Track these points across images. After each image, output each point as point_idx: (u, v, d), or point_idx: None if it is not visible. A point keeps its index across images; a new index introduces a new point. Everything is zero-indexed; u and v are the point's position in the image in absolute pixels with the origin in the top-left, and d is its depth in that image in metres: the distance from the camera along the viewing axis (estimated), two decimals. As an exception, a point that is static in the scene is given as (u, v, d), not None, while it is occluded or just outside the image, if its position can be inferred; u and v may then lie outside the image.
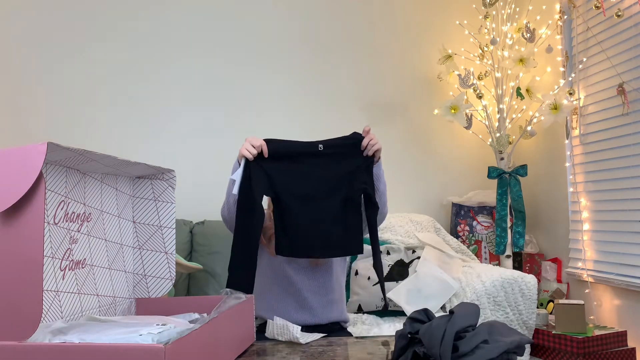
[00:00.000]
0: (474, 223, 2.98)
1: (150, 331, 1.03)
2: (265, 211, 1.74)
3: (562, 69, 2.79)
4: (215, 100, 2.99)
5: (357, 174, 1.68)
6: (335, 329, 1.93)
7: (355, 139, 1.72)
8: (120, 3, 2.93)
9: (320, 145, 1.69)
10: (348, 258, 2.57)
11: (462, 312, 1.10)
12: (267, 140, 1.71)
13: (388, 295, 2.30)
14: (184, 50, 2.97)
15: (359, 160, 1.70)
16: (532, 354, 2.39)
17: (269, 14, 3.07)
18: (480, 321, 1.32)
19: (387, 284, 2.34)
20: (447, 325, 1.05)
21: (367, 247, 2.55)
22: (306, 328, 1.87)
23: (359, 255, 2.52)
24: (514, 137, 2.91)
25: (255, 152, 1.69)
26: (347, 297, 2.42)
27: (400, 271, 2.41)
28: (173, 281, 1.53)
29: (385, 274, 2.40)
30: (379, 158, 1.78)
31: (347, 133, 3.10)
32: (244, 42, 3.04)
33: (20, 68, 2.82)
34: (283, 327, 1.55)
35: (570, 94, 2.64)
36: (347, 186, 1.67)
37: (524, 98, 2.82)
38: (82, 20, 2.89)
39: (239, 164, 1.72)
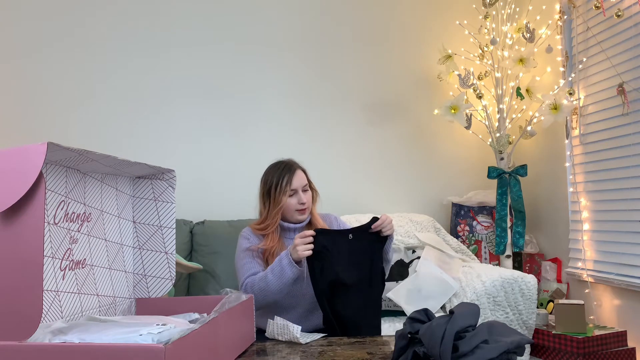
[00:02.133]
0: (474, 223, 2.98)
1: (150, 331, 1.03)
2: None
3: (562, 69, 2.78)
4: (216, 99, 2.98)
5: (375, 257, 1.80)
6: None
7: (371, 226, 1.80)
8: (121, 3, 2.92)
9: (350, 235, 1.79)
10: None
11: (462, 312, 1.10)
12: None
13: (388, 295, 2.30)
14: (185, 49, 2.97)
15: (378, 244, 1.81)
16: (532, 354, 2.39)
17: (269, 15, 3.07)
18: (480, 321, 1.32)
19: (387, 284, 2.33)
20: (447, 325, 1.05)
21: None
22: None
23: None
24: (514, 137, 2.91)
25: (311, 247, 1.71)
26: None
27: (400, 271, 2.41)
28: (173, 281, 1.53)
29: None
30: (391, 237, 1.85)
31: (347, 133, 3.12)
32: (245, 43, 3.04)
33: (20, 68, 2.82)
34: (283, 327, 1.55)
35: (570, 94, 2.64)
36: (369, 269, 1.80)
37: (524, 98, 2.82)
38: (82, 20, 2.88)
39: (292, 265, 1.74)
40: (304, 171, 1.99)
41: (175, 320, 1.22)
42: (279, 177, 1.92)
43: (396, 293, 2.32)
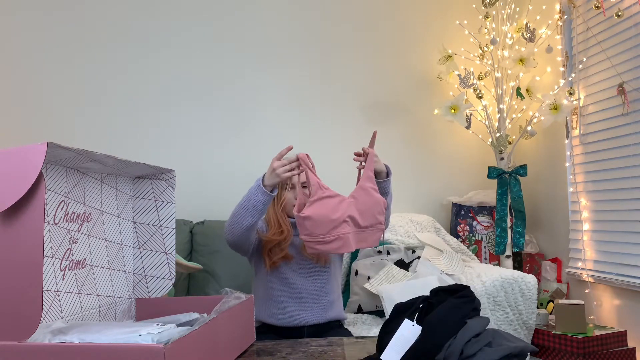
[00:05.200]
0: (474, 223, 2.98)
1: (150, 331, 1.03)
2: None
3: (562, 69, 2.78)
4: (215, 99, 2.98)
5: None
6: (335, 325, 1.95)
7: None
8: (120, 3, 2.92)
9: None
10: (346, 258, 2.58)
11: (474, 324, 1.10)
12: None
13: (384, 295, 2.30)
14: (185, 50, 2.97)
15: None
16: (532, 353, 2.39)
17: (269, 15, 3.07)
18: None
19: (385, 286, 2.33)
20: (460, 332, 1.05)
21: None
22: (307, 328, 1.88)
23: (359, 255, 2.52)
24: (514, 137, 2.91)
25: (294, 166, 1.70)
26: (347, 297, 2.42)
27: (400, 271, 2.41)
28: (173, 281, 1.53)
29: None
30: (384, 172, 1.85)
31: (346, 133, 3.12)
32: (245, 42, 3.04)
33: (20, 68, 2.82)
34: None
35: (570, 94, 2.64)
36: None
37: (524, 98, 2.82)
38: (82, 20, 2.88)
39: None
40: None
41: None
42: None
43: (395, 293, 2.31)
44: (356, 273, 2.43)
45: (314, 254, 1.83)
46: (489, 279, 2.28)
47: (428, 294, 1.20)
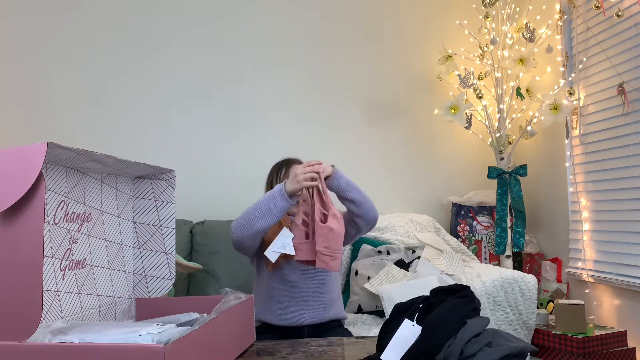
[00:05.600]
0: (474, 223, 2.98)
1: (150, 331, 1.03)
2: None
3: (562, 69, 2.78)
4: (215, 99, 2.99)
5: None
6: (335, 325, 1.95)
7: None
8: (120, 3, 2.92)
9: None
10: (346, 258, 2.58)
11: (474, 324, 1.10)
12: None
13: (384, 295, 2.30)
14: (185, 50, 2.97)
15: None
16: (532, 353, 2.39)
17: (269, 15, 3.07)
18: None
19: (385, 286, 2.33)
20: (460, 332, 1.05)
21: (367, 247, 2.55)
22: (308, 327, 1.88)
23: (359, 255, 2.52)
24: (514, 137, 2.91)
25: (315, 176, 1.69)
26: (347, 297, 2.42)
27: (400, 271, 2.41)
28: (173, 281, 1.53)
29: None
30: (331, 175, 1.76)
31: (347, 133, 3.12)
32: (245, 42, 3.04)
33: (20, 68, 2.82)
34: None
35: (570, 94, 2.64)
36: None
37: (524, 98, 2.82)
38: (82, 20, 2.89)
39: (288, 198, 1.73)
40: None
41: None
42: (277, 170, 2.00)
43: (395, 293, 2.31)
44: (356, 273, 2.43)
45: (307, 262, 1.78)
46: (489, 279, 2.28)
47: (428, 294, 1.20)
